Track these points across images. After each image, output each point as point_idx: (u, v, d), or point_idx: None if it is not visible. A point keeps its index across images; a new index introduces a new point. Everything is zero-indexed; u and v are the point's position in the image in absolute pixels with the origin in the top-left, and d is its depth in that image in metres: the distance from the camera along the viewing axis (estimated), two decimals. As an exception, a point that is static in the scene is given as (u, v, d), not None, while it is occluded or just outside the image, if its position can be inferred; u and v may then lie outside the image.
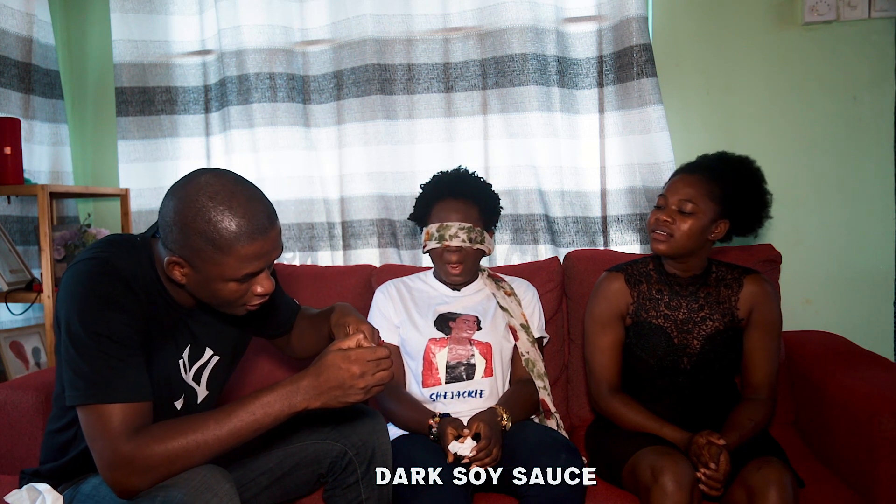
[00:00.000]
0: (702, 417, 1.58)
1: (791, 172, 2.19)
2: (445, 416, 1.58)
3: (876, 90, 2.13)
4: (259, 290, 1.14)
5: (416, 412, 1.62)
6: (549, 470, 1.40)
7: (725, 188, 1.55)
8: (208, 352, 1.31)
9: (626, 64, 2.13)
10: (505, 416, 1.55)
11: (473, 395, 1.68)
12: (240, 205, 1.07)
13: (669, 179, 1.63)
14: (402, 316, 1.79)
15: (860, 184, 2.16)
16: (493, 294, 1.82)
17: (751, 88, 2.20)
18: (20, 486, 1.27)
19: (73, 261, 1.12)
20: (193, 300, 1.22)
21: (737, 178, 1.57)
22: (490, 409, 1.57)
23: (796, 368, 1.88)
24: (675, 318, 1.62)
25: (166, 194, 1.11)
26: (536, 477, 1.40)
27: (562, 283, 2.06)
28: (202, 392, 1.32)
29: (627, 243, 2.24)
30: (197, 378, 1.30)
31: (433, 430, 1.55)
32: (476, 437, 1.47)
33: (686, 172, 1.60)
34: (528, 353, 1.75)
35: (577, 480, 1.40)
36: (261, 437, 1.35)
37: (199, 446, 1.04)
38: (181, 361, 1.26)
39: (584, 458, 1.54)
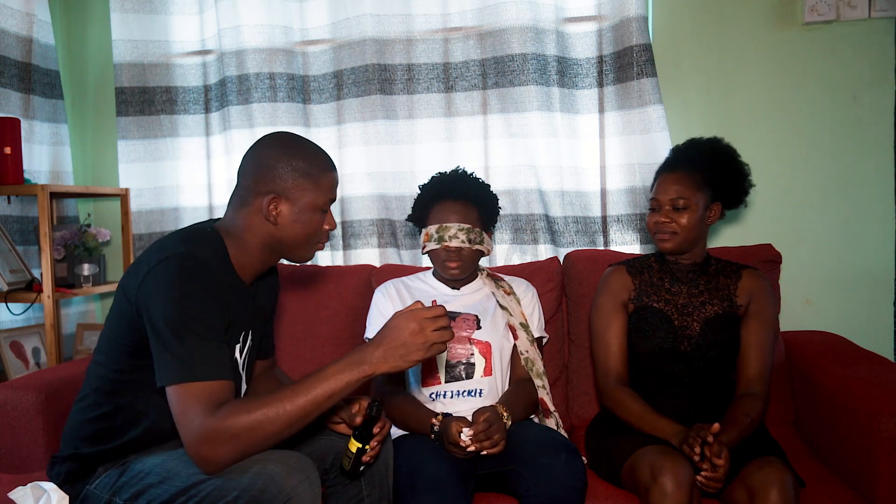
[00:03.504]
0: (701, 412, 1.59)
1: (791, 172, 2.19)
2: (448, 415, 1.58)
3: (876, 90, 2.13)
4: (327, 226, 1.33)
5: (418, 411, 1.62)
6: (549, 470, 1.41)
7: (707, 174, 1.63)
8: (246, 336, 1.36)
9: (626, 64, 2.13)
10: (505, 413, 1.55)
11: (473, 394, 1.68)
12: (313, 146, 1.32)
13: (654, 181, 1.70)
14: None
15: (860, 184, 2.17)
16: (493, 293, 1.82)
17: (751, 88, 2.20)
18: (50, 471, 1.29)
19: (159, 257, 1.17)
20: (252, 276, 1.33)
21: (714, 161, 1.65)
22: (491, 406, 1.57)
23: (796, 368, 1.88)
24: (675, 303, 1.67)
25: (250, 153, 1.30)
26: (536, 477, 1.41)
27: (562, 284, 2.06)
28: (244, 385, 1.37)
29: (627, 243, 2.24)
30: (243, 365, 1.36)
31: (435, 428, 1.55)
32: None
33: (668, 171, 1.67)
34: (527, 351, 1.75)
35: (576, 480, 1.41)
36: None
37: (279, 416, 1.09)
38: (237, 346, 1.31)
39: (583, 458, 1.54)
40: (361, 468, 1.32)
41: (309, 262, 2.38)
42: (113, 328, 1.24)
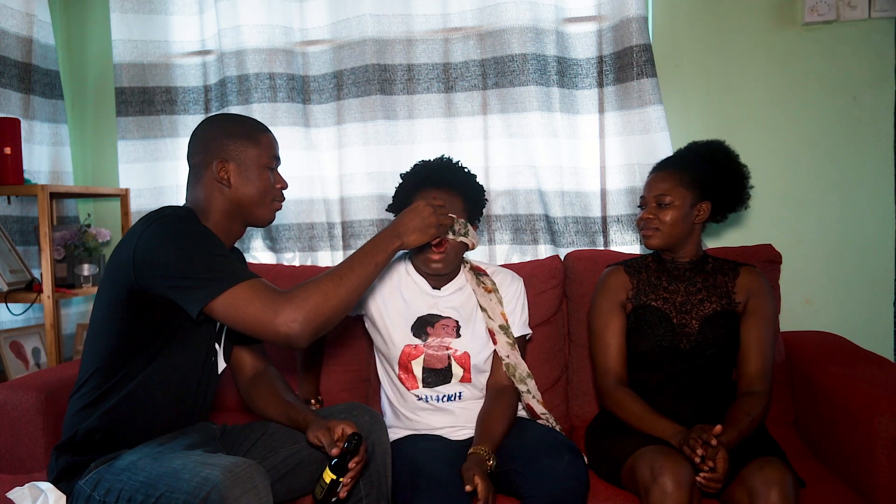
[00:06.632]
0: (700, 411, 1.59)
1: (791, 172, 2.19)
2: (318, 410, 1.62)
3: (876, 90, 2.13)
4: (278, 185, 1.43)
5: (303, 389, 1.82)
6: (551, 470, 1.40)
7: (695, 172, 1.64)
8: None
9: (626, 64, 2.13)
10: (486, 454, 1.47)
11: (453, 398, 1.66)
12: (247, 117, 1.46)
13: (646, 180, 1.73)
14: (380, 308, 1.71)
15: (860, 184, 2.16)
16: (474, 291, 1.73)
17: (751, 88, 2.20)
18: (51, 464, 1.31)
19: (147, 224, 1.26)
20: (228, 241, 1.41)
21: (705, 161, 1.66)
22: (474, 455, 1.46)
23: (796, 368, 1.88)
24: (673, 301, 1.67)
25: (192, 136, 1.42)
26: (538, 477, 1.40)
27: (563, 282, 2.06)
28: (221, 362, 1.44)
29: (627, 243, 2.24)
30: (218, 337, 1.43)
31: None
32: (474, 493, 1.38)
33: (657, 170, 1.70)
34: (507, 356, 1.68)
35: (578, 481, 1.41)
36: (268, 436, 1.44)
37: (344, 283, 1.24)
38: None
39: (585, 459, 1.54)
40: (334, 500, 1.31)
41: (309, 263, 2.43)
42: (106, 308, 1.28)
